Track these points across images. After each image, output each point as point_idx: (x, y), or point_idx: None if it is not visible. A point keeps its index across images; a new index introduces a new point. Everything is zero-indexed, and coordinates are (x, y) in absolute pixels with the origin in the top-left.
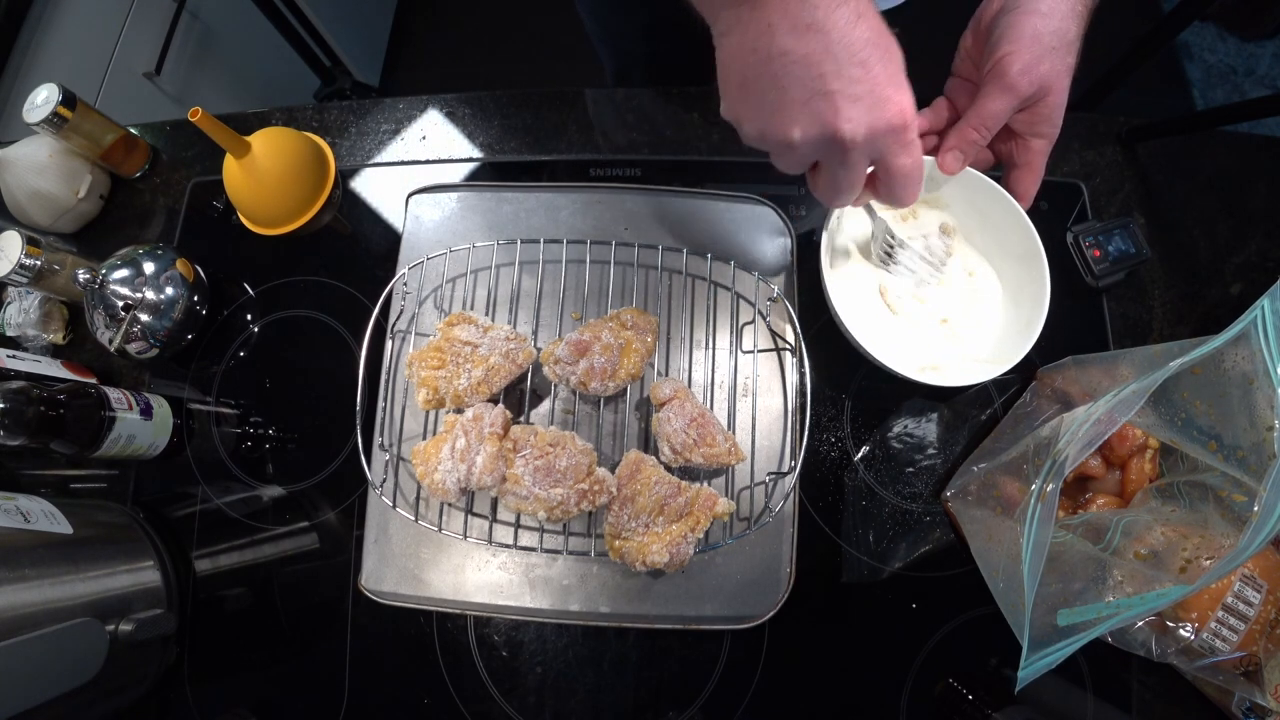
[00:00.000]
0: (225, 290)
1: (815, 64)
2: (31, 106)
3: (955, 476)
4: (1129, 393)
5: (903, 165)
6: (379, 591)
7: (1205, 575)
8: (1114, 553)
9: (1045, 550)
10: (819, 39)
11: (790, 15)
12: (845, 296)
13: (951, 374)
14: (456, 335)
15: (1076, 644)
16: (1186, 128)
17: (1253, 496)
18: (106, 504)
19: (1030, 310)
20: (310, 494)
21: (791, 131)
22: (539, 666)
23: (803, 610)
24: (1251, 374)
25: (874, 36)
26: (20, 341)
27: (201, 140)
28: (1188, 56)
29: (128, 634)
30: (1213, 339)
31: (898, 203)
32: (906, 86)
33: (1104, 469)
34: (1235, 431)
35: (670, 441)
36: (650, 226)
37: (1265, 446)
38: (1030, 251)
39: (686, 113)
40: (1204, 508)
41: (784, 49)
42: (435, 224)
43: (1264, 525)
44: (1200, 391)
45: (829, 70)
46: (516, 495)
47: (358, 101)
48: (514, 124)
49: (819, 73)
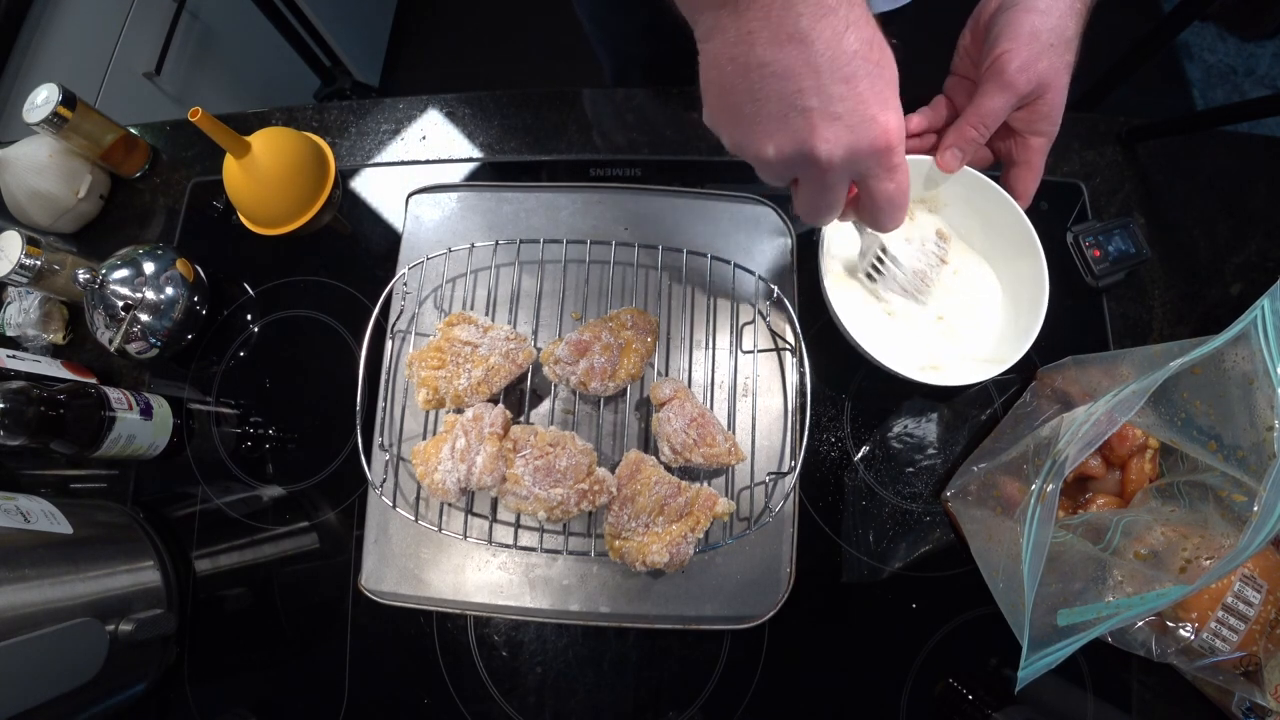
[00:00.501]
0: (225, 290)
1: (794, 78)
2: (31, 106)
3: (955, 476)
4: (1129, 393)
5: (885, 190)
6: (379, 591)
7: (1205, 575)
8: (1114, 553)
9: (1045, 550)
10: (800, 51)
11: (772, 23)
12: (844, 298)
13: (951, 374)
14: (456, 335)
15: (1076, 644)
16: (1186, 128)
17: (1253, 496)
18: (106, 504)
19: (1029, 310)
20: (310, 494)
21: (766, 148)
22: (539, 666)
23: (803, 610)
24: (1252, 374)
25: (863, 49)
26: (20, 341)
27: (201, 140)
28: (1188, 56)
29: (128, 634)
30: (1212, 339)
31: (880, 227)
32: (896, 105)
33: (1104, 469)
34: (1235, 431)
35: (670, 441)
36: (650, 226)
37: (1265, 446)
38: (1029, 251)
39: (686, 113)
40: (1204, 508)
41: (763, 60)
42: (435, 224)
43: (1264, 525)
44: (1200, 391)
45: (808, 86)
46: (516, 495)
47: (358, 101)
48: (514, 124)
49: (797, 88)
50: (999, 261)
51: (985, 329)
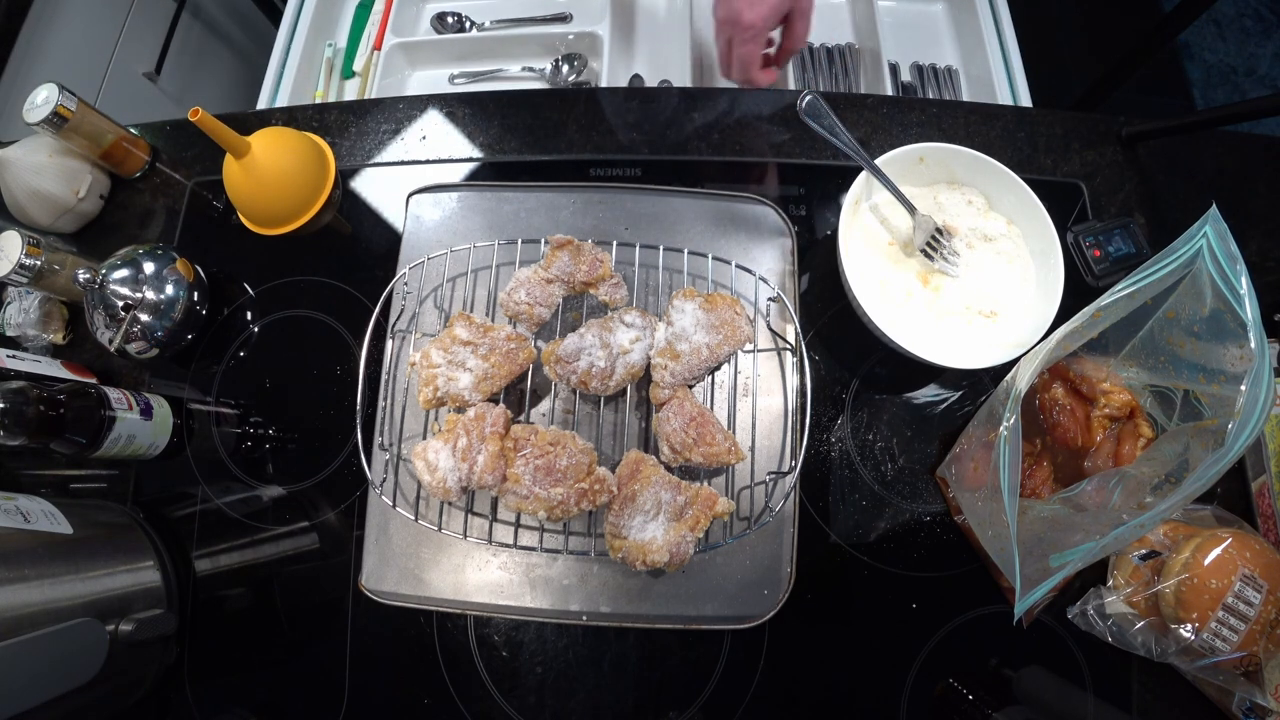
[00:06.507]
0: (225, 290)
1: None
2: (31, 106)
3: (947, 456)
4: (1074, 325)
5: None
6: (379, 591)
7: (1191, 476)
8: (1112, 509)
9: (1019, 471)
10: None
11: None
12: (863, 283)
13: (965, 356)
14: (457, 335)
15: (1064, 573)
16: (1186, 128)
17: None
18: (106, 504)
19: (1046, 296)
20: (310, 494)
21: (744, 14)
22: (539, 666)
23: (803, 610)
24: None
25: None
26: (20, 341)
27: (201, 140)
28: (1188, 56)
29: (128, 634)
30: (1151, 266)
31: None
32: (762, 9)
33: (1086, 422)
34: (1218, 358)
35: (670, 441)
36: (650, 226)
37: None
38: (1047, 239)
39: (686, 113)
40: (1183, 440)
41: None
42: (435, 224)
43: (1248, 420)
44: (1180, 333)
45: None
46: (517, 494)
47: (358, 101)
48: (514, 124)
49: None
50: (1018, 250)
51: (1003, 315)
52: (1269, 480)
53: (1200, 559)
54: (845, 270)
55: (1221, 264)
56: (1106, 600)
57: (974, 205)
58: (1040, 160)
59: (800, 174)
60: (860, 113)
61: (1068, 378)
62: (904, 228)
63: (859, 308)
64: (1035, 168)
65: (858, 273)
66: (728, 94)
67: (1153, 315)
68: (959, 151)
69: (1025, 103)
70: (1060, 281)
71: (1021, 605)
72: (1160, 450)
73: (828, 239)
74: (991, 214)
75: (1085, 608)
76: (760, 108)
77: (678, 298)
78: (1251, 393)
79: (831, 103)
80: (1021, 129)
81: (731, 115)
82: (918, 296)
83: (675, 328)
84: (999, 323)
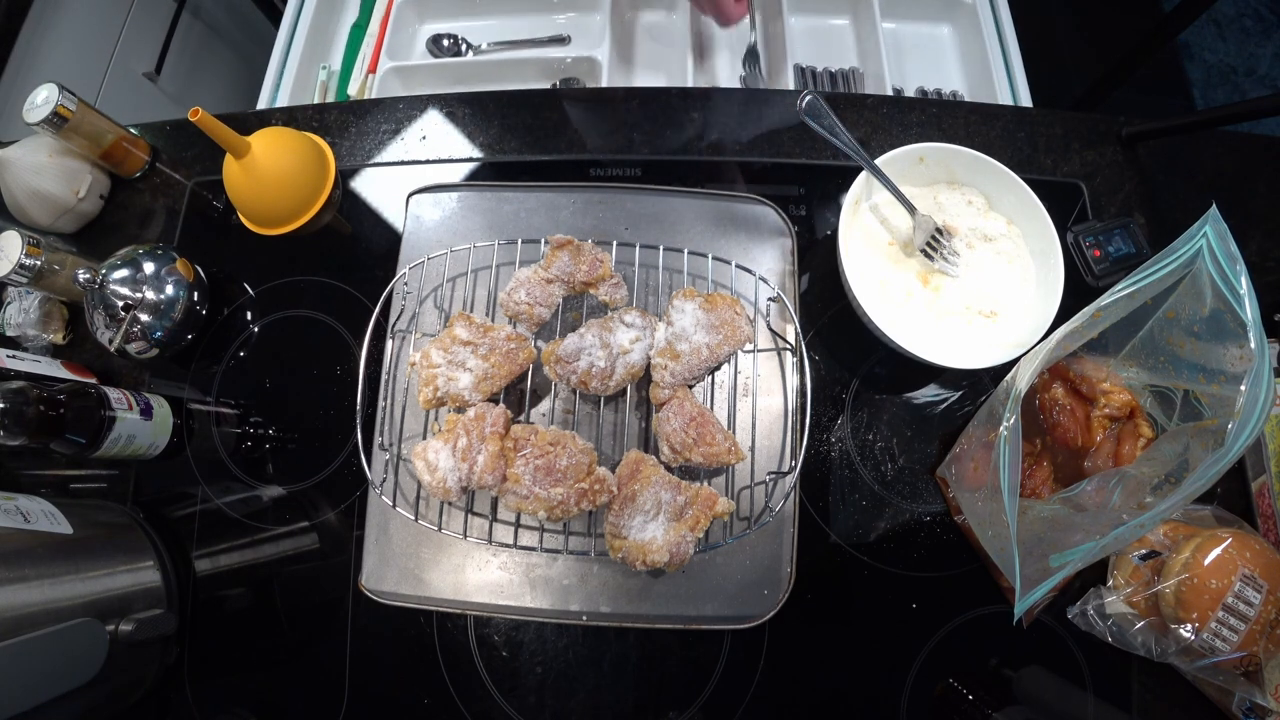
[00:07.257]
0: (225, 290)
1: None
2: (31, 106)
3: (947, 457)
4: (1073, 326)
5: None
6: (379, 591)
7: (1191, 476)
8: (1112, 508)
9: (1019, 471)
10: None
11: None
12: (862, 275)
13: (966, 356)
14: (457, 335)
15: (1062, 574)
16: (1186, 128)
17: None
18: (106, 504)
19: (1046, 296)
20: (310, 494)
21: None
22: (539, 666)
23: (803, 610)
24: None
25: None
26: (20, 341)
27: (201, 140)
28: (1188, 56)
29: (128, 634)
30: (1151, 266)
31: None
32: None
33: (1086, 422)
34: (1218, 358)
35: (670, 441)
36: (650, 226)
37: (1242, 362)
38: (1047, 239)
39: (686, 113)
40: (1183, 440)
41: None
42: (436, 224)
43: (1248, 421)
44: (1180, 333)
45: None
46: (517, 494)
47: (358, 101)
48: (514, 124)
49: None
50: (1018, 249)
51: (1003, 315)
52: (1269, 480)
53: (1200, 559)
54: (845, 270)
55: (1221, 264)
56: (1106, 600)
57: (974, 205)
58: (1040, 160)
59: (800, 174)
60: (860, 113)
61: (1068, 378)
62: (904, 228)
63: (859, 308)
64: (1035, 168)
65: (858, 273)
66: (728, 94)
67: (1153, 315)
68: (959, 151)
69: (1025, 103)
70: (1060, 281)
71: (1021, 605)
72: (1160, 450)
73: (828, 239)
74: (991, 214)
75: (1085, 608)
76: (760, 108)
77: (678, 298)
78: (1251, 393)
79: (831, 103)
80: (1021, 129)
81: (732, 115)
82: (918, 296)
83: (675, 328)
84: (999, 323)
